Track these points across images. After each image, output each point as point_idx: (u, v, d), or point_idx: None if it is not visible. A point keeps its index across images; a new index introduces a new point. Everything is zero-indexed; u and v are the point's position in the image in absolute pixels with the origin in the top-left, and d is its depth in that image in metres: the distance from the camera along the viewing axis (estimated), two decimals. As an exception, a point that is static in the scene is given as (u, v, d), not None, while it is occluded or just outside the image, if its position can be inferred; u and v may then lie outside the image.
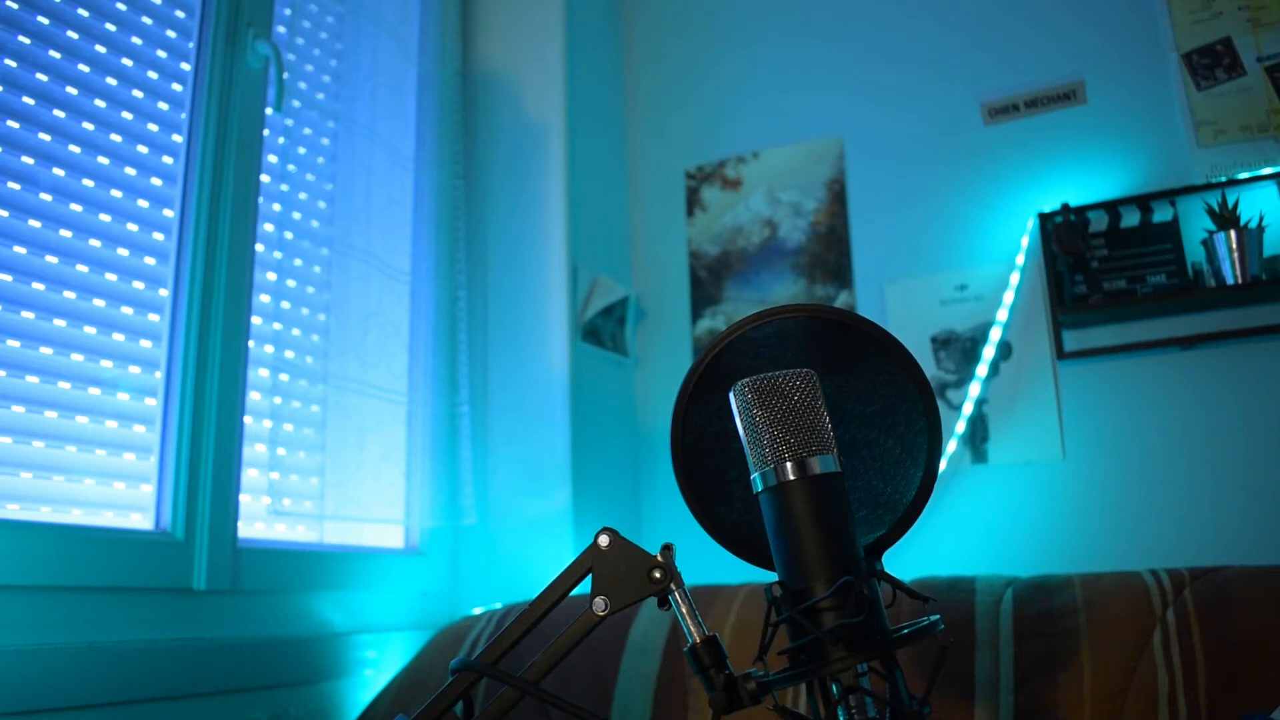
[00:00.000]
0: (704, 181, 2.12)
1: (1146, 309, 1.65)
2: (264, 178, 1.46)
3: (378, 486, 1.59)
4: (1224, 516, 1.57)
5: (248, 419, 1.39)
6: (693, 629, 0.52)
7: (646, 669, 1.29)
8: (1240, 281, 1.54)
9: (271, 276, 1.48)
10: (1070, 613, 1.16)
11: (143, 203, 1.30)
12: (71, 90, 1.22)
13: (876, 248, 1.93)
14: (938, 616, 0.49)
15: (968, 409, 1.76)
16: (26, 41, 1.17)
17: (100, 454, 1.21)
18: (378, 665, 1.55)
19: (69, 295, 1.19)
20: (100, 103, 1.25)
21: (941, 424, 0.57)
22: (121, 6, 1.29)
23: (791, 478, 0.50)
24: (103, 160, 1.25)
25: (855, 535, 0.50)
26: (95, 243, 1.23)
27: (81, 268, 1.21)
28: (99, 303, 1.22)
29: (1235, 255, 1.55)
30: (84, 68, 1.23)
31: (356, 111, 1.66)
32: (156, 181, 1.32)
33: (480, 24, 2.04)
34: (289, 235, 1.50)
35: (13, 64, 1.15)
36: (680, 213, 2.13)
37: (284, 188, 1.50)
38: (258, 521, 1.43)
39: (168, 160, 1.34)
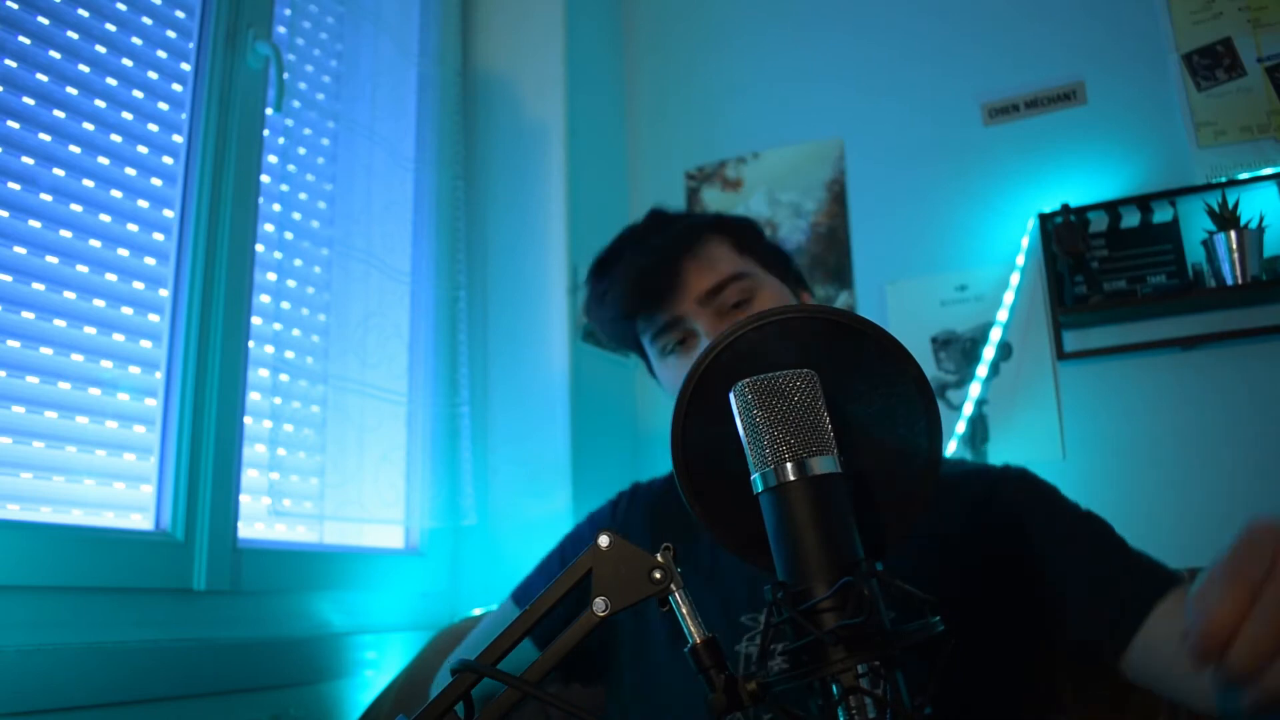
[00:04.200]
0: (704, 182, 2.12)
1: (1146, 309, 1.65)
2: (264, 178, 1.46)
3: (378, 487, 1.59)
4: (1224, 517, 1.56)
5: (248, 419, 1.39)
6: (693, 629, 0.52)
7: (646, 669, 1.29)
8: (1240, 282, 1.55)
9: (271, 277, 1.48)
10: (1070, 613, 1.16)
11: (143, 203, 1.30)
12: (71, 91, 1.22)
13: (876, 248, 1.93)
14: (938, 618, 0.49)
15: (968, 409, 1.76)
16: (26, 42, 1.17)
17: (100, 454, 1.21)
18: (378, 666, 1.55)
19: (69, 295, 1.19)
20: (100, 103, 1.25)
21: (941, 424, 0.57)
22: (121, 7, 1.29)
23: (792, 478, 0.50)
24: (103, 161, 1.24)
25: (855, 536, 0.50)
26: (95, 243, 1.23)
27: (81, 268, 1.21)
28: (99, 303, 1.22)
29: (1235, 256, 1.55)
30: (84, 68, 1.23)
31: (356, 111, 1.66)
32: (156, 182, 1.32)
33: (480, 24, 2.04)
34: (289, 235, 1.50)
35: (13, 64, 1.15)
36: (680, 213, 2.13)
37: (284, 188, 1.50)
38: (258, 522, 1.43)
39: (168, 160, 1.34)
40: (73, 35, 1.22)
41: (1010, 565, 0.93)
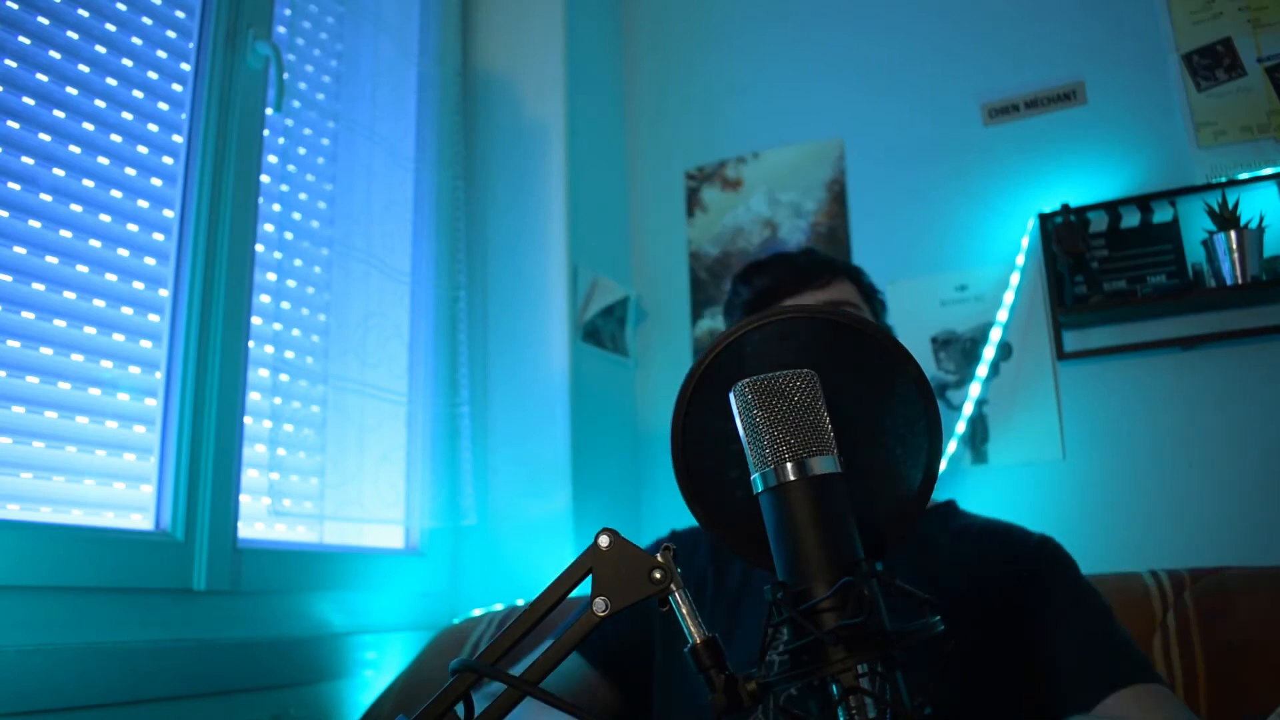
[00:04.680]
0: (704, 182, 2.12)
1: (1146, 309, 1.65)
2: (264, 178, 1.46)
3: (378, 487, 1.59)
4: (1224, 517, 1.57)
5: (248, 419, 1.39)
6: (693, 629, 0.52)
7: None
8: (1240, 282, 1.54)
9: (271, 277, 1.48)
10: (1070, 613, 1.16)
11: (143, 203, 1.30)
12: (71, 90, 1.22)
13: (876, 248, 1.93)
14: (938, 618, 0.49)
15: (968, 409, 1.76)
16: (26, 42, 1.17)
17: (100, 454, 1.21)
18: (378, 666, 1.55)
19: (69, 295, 1.19)
20: (100, 103, 1.25)
21: (941, 424, 0.57)
22: (121, 7, 1.29)
23: (792, 478, 0.50)
24: (103, 160, 1.25)
25: (855, 536, 0.50)
26: (95, 243, 1.23)
27: (81, 268, 1.21)
28: (99, 303, 1.22)
29: (1235, 256, 1.55)
30: (84, 68, 1.23)
31: (356, 111, 1.66)
32: (156, 182, 1.32)
33: (480, 24, 2.04)
34: (289, 235, 1.50)
35: (13, 64, 1.15)
36: (680, 213, 2.13)
37: (284, 188, 1.50)
38: (258, 522, 1.43)
39: (168, 160, 1.34)
40: (73, 35, 1.22)
41: (1009, 618, 0.97)
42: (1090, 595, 0.98)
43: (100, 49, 1.26)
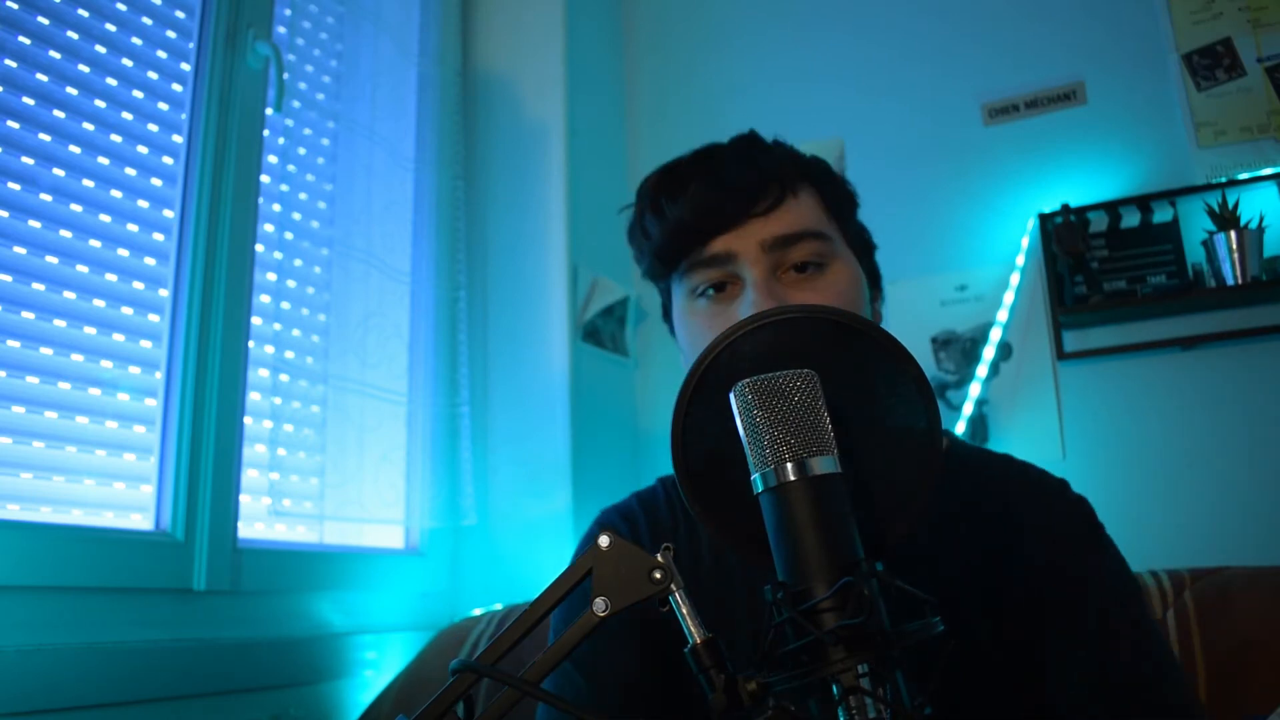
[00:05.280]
0: (704, 182, 2.12)
1: (1146, 309, 1.65)
2: (264, 178, 1.46)
3: (378, 487, 1.59)
4: (1224, 517, 1.57)
5: (248, 419, 1.39)
6: (693, 630, 0.52)
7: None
8: (1240, 282, 1.55)
9: (271, 277, 1.48)
10: (1070, 613, 1.15)
11: (143, 203, 1.30)
12: (71, 91, 1.22)
13: (876, 248, 1.93)
14: (938, 618, 0.49)
15: (968, 409, 1.76)
16: (26, 42, 1.17)
17: (100, 454, 1.21)
18: (378, 666, 1.55)
19: (69, 295, 1.19)
20: (100, 103, 1.25)
21: (941, 424, 0.57)
22: (121, 7, 1.29)
23: (792, 478, 0.50)
24: (103, 161, 1.24)
25: (855, 536, 0.50)
26: (95, 243, 1.23)
27: (81, 268, 1.21)
28: (99, 303, 1.22)
29: (1235, 256, 1.55)
30: (84, 68, 1.23)
31: (356, 111, 1.66)
32: (156, 182, 1.32)
33: (480, 24, 2.04)
34: (289, 235, 1.50)
35: (13, 64, 1.15)
36: (680, 213, 2.12)
37: (284, 188, 1.50)
38: (258, 522, 1.43)
39: (168, 160, 1.34)
40: (73, 35, 1.22)
41: (1017, 615, 0.84)
42: (1118, 595, 0.83)
43: (100, 49, 1.26)
